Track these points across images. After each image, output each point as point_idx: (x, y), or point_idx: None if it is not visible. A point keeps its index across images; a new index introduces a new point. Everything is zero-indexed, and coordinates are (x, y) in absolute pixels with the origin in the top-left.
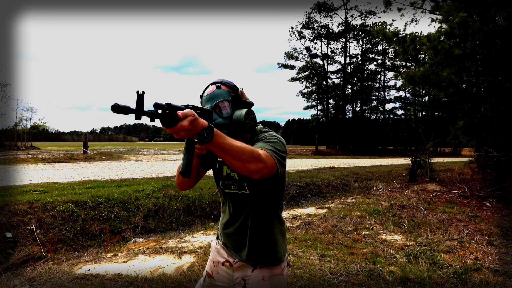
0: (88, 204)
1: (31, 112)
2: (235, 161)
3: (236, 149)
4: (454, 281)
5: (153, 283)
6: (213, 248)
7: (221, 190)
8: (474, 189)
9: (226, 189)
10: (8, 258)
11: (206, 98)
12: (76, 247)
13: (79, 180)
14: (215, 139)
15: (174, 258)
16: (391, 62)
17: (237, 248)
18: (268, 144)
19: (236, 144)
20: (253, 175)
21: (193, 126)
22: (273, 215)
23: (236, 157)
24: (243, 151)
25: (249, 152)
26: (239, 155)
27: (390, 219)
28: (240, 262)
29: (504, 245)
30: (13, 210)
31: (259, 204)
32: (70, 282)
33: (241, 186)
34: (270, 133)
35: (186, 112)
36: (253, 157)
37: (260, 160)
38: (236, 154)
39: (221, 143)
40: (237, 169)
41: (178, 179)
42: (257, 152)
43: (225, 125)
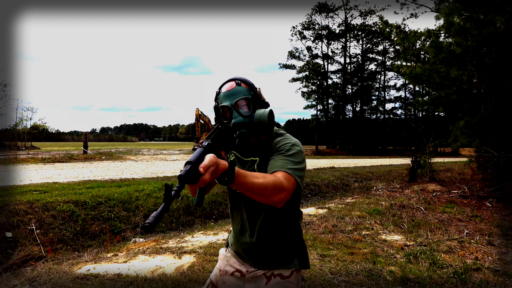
0: (88, 204)
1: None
2: (258, 196)
3: (258, 186)
4: (454, 281)
5: (153, 283)
6: (222, 256)
7: (233, 193)
8: (474, 189)
9: None
10: (8, 258)
11: (225, 95)
12: (76, 247)
13: (79, 180)
14: (236, 180)
15: (174, 258)
16: (391, 62)
17: (250, 255)
18: (287, 159)
19: (257, 181)
20: (277, 205)
21: (214, 175)
22: (290, 222)
23: (259, 193)
24: (265, 187)
25: (272, 185)
26: (261, 191)
27: (390, 219)
28: (253, 272)
29: (504, 245)
30: (13, 210)
31: (275, 210)
32: (70, 282)
33: None
34: (287, 138)
35: (207, 164)
36: (276, 189)
37: (283, 189)
38: (259, 190)
39: (243, 183)
40: (259, 201)
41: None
42: (280, 182)
43: (245, 124)
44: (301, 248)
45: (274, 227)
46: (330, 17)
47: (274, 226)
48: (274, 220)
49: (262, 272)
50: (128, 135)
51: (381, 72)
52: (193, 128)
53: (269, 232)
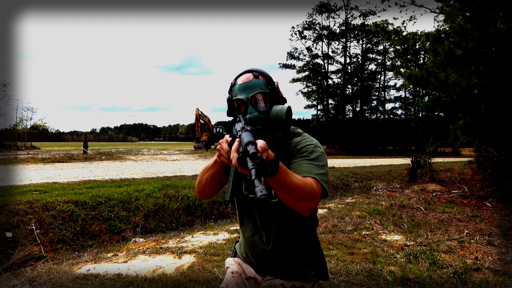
0: (88, 204)
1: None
2: (290, 198)
3: (295, 188)
4: (454, 281)
5: (153, 283)
6: (233, 261)
7: (243, 197)
8: (474, 189)
9: (251, 193)
10: (8, 258)
11: (241, 87)
12: (76, 247)
13: (79, 180)
14: (278, 174)
15: (174, 258)
16: (391, 62)
17: (267, 263)
18: (312, 163)
19: (296, 182)
20: (304, 213)
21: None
22: (308, 228)
23: (293, 195)
24: (302, 190)
25: (308, 190)
26: (296, 193)
27: (390, 219)
28: (270, 280)
29: (504, 245)
30: (13, 210)
31: (290, 214)
32: (70, 282)
33: (269, 193)
34: (307, 139)
35: (263, 146)
36: (310, 195)
37: (315, 197)
38: (294, 192)
39: (282, 179)
40: (288, 204)
41: (198, 186)
42: (314, 189)
43: (260, 120)
44: (320, 256)
45: (291, 233)
46: (331, 17)
47: (291, 232)
48: (292, 226)
49: (280, 281)
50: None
51: (381, 72)
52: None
53: (286, 238)
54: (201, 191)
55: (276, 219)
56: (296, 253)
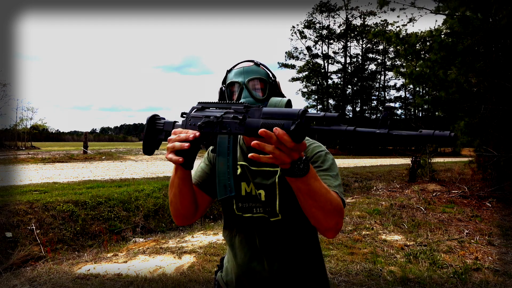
0: (88, 204)
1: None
2: (318, 210)
3: (325, 195)
4: (454, 281)
5: (153, 283)
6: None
7: (235, 217)
8: (474, 189)
9: (246, 212)
10: (8, 258)
11: (238, 71)
12: (76, 247)
13: (79, 180)
14: (309, 173)
15: (174, 258)
16: (391, 62)
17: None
18: (328, 174)
19: (325, 188)
20: (328, 233)
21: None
22: (314, 248)
23: (322, 205)
24: (331, 201)
25: (336, 203)
26: (326, 203)
27: (390, 219)
28: None
29: (504, 245)
30: (13, 210)
31: (296, 233)
32: (70, 282)
33: (271, 210)
34: (314, 144)
35: None
36: (338, 208)
37: (342, 211)
38: (324, 202)
39: (313, 182)
40: (314, 218)
41: (171, 208)
42: (340, 203)
43: None
44: (325, 277)
45: (299, 256)
46: (331, 17)
47: (298, 255)
48: (299, 248)
49: None
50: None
51: (381, 72)
52: None
53: (292, 263)
54: (177, 215)
55: (281, 241)
56: (302, 279)
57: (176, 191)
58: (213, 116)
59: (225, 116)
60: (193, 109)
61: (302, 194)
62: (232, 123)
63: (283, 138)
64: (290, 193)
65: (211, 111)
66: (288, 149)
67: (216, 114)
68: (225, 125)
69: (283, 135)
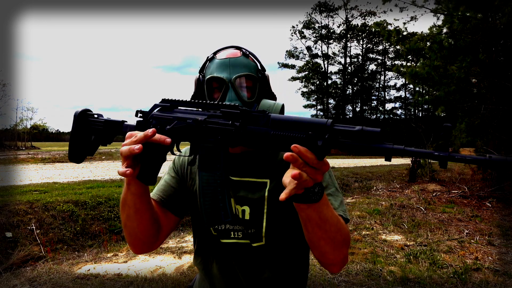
0: (88, 204)
1: (32, 112)
2: (327, 243)
3: (336, 226)
4: (454, 281)
5: (153, 283)
6: None
7: (211, 240)
8: (474, 189)
9: (224, 237)
10: (8, 258)
11: (223, 63)
12: (76, 247)
13: (79, 180)
14: (322, 199)
15: (174, 258)
16: (391, 62)
17: None
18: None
19: (336, 216)
20: (333, 268)
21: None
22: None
23: (332, 237)
24: (341, 231)
25: (346, 232)
26: (336, 234)
27: (390, 219)
28: None
29: (504, 245)
30: (13, 210)
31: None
32: (70, 282)
33: (254, 234)
34: None
35: None
36: (346, 240)
37: (349, 243)
38: (334, 232)
39: (324, 210)
40: (319, 253)
41: (126, 233)
42: (348, 230)
43: None
44: None
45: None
46: (330, 17)
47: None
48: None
49: None
50: None
51: (381, 72)
52: None
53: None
54: (134, 242)
55: (266, 269)
56: None
57: (131, 211)
58: (192, 119)
59: (210, 120)
60: (156, 108)
61: (312, 224)
62: (224, 131)
63: (305, 156)
64: (279, 212)
65: (186, 112)
66: (313, 170)
67: (196, 117)
68: (213, 132)
69: (306, 152)
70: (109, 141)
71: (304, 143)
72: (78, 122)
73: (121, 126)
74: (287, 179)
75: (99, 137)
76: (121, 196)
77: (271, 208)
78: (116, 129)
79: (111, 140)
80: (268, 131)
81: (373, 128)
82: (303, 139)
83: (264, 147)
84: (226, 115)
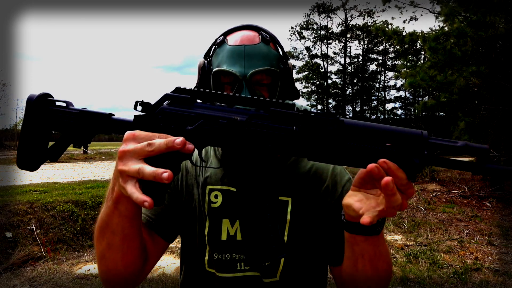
0: (88, 204)
1: None
2: (374, 282)
3: (388, 262)
4: (454, 281)
5: (153, 283)
6: None
7: (204, 275)
8: (474, 189)
9: (225, 271)
10: (8, 258)
11: (235, 51)
12: (76, 247)
13: (79, 180)
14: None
15: (174, 258)
16: (391, 62)
17: None
18: None
19: (388, 251)
20: None
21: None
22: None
23: (382, 276)
24: (390, 267)
25: (389, 259)
26: (386, 274)
27: (390, 219)
28: None
29: (504, 245)
30: (13, 210)
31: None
32: (70, 282)
33: (268, 266)
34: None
35: None
36: (391, 265)
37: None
38: (385, 270)
39: (382, 243)
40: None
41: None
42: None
43: None
44: None
45: None
46: (328, 17)
47: None
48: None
49: None
50: None
51: (381, 72)
52: None
53: None
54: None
55: None
56: None
57: (115, 239)
58: (225, 118)
59: (255, 122)
60: (166, 99)
61: (364, 261)
62: (278, 137)
63: (396, 175)
64: (302, 239)
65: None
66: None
67: (230, 116)
68: (259, 139)
69: (397, 170)
70: (85, 141)
71: (394, 159)
72: (33, 112)
73: (107, 121)
74: (357, 200)
75: (68, 135)
76: (100, 217)
77: (293, 234)
78: (99, 125)
79: (89, 140)
80: (342, 140)
81: (480, 145)
82: (392, 154)
83: (333, 161)
84: (276, 116)
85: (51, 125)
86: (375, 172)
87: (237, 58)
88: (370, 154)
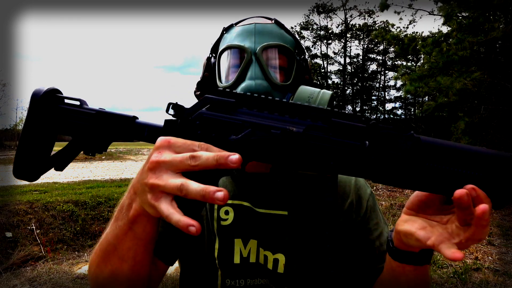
0: (88, 204)
1: None
2: None
3: (429, 281)
4: (454, 281)
5: None
6: None
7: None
8: None
9: None
10: (8, 258)
11: (245, 30)
12: (76, 247)
13: (79, 180)
14: None
15: None
16: (391, 62)
17: None
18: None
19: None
20: None
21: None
22: None
23: None
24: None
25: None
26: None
27: (390, 219)
28: None
29: (504, 245)
30: (13, 210)
31: None
32: (70, 282)
33: None
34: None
35: None
36: None
37: None
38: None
39: (428, 271)
40: None
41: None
42: None
43: None
44: None
45: None
46: (328, 17)
47: None
48: None
49: None
50: None
51: (381, 72)
52: None
53: None
54: None
55: None
56: None
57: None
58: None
59: (313, 134)
60: (204, 103)
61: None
62: (342, 152)
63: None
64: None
65: (254, 115)
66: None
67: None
68: (319, 154)
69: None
70: (101, 148)
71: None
72: (39, 111)
73: (130, 125)
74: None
75: (81, 140)
76: (106, 238)
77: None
78: (120, 129)
79: (105, 148)
80: (420, 161)
81: None
82: (479, 180)
83: (406, 184)
84: (338, 128)
85: (60, 127)
86: (463, 200)
87: (246, 34)
88: (452, 178)
